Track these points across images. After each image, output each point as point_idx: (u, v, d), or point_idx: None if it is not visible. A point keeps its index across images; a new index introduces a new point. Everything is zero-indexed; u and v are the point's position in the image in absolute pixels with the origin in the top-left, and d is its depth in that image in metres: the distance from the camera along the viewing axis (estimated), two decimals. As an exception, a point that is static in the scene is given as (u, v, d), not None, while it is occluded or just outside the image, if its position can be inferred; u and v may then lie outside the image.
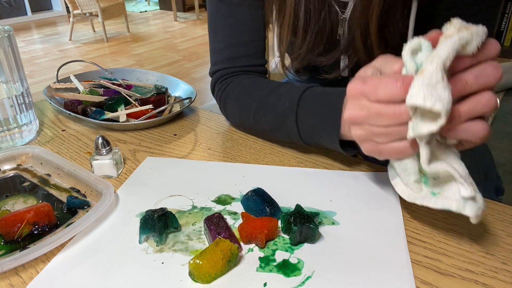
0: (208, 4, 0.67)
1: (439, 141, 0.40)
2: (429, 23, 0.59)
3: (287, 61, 0.70)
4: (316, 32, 0.63)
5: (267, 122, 0.59)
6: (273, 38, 0.68)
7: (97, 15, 4.08)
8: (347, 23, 0.62)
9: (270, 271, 0.39)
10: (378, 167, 0.56)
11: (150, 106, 0.71)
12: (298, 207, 0.44)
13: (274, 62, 0.70)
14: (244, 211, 0.48)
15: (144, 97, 0.75)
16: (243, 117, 0.64)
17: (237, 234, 0.44)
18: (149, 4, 6.50)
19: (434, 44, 0.37)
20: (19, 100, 0.63)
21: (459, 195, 0.38)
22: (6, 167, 0.58)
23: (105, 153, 0.54)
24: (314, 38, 0.63)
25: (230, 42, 0.65)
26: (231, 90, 0.65)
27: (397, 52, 0.60)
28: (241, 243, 0.42)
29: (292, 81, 0.94)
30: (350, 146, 0.52)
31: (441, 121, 0.35)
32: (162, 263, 0.40)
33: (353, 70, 0.71)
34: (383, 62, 0.42)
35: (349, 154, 0.53)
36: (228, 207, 0.49)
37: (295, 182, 0.53)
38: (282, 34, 0.63)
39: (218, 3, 0.65)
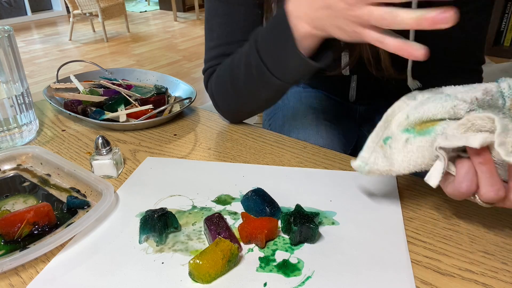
0: (205, 3, 0.67)
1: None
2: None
3: None
4: None
5: (240, 75, 0.60)
6: None
7: (97, 15, 4.08)
8: None
9: (270, 271, 0.39)
10: (378, 167, 0.56)
11: (150, 106, 0.71)
12: (298, 207, 0.44)
13: None
14: (244, 211, 0.48)
15: (144, 97, 0.75)
16: (224, 87, 0.65)
17: (237, 234, 0.44)
18: (149, 4, 6.50)
19: None
20: (19, 100, 0.63)
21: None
22: (6, 167, 0.58)
23: (105, 153, 0.54)
24: None
25: (224, 40, 0.65)
26: (215, 74, 0.66)
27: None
28: (241, 243, 0.42)
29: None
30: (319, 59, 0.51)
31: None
32: (162, 263, 0.40)
33: (355, 68, 0.71)
34: None
35: (320, 65, 0.51)
36: (228, 207, 0.49)
37: (295, 182, 0.53)
38: None
39: (215, 2, 0.65)
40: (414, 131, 0.41)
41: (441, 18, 0.35)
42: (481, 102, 0.39)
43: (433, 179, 0.39)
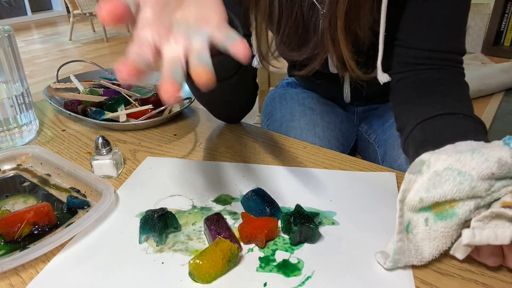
0: None
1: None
2: (401, 14, 0.58)
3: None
4: (289, 26, 0.61)
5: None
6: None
7: (97, 15, 4.08)
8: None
9: (270, 271, 0.39)
10: (378, 167, 0.56)
11: (150, 106, 0.71)
12: (298, 207, 0.44)
13: (255, 59, 0.68)
14: (244, 211, 0.48)
15: (144, 97, 0.75)
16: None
17: (237, 234, 0.44)
18: (149, 4, 6.49)
19: None
20: (19, 100, 0.63)
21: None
22: (6, 167, 0.57)
23: (105, 153, 0.54)
24: (288, 32, 0.62)
25: None
26: None
27: (370, 49, 0.57)
28: (241, 243, 0.42)
29: (291, 82, 0.94)
30: None
31: None
32: (162, 263, 0.40)
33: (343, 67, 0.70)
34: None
35: None
36: (228, 207, 0.49)
37: (295, 182, 0.53)
38: (259, 25, 0.62)
39: None
40: (431, 211, 0.39)
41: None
42: (498, 176, 0.37)
43: (459, 253, 0.38)
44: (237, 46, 0.33)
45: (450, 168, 0.38)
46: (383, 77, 0.60)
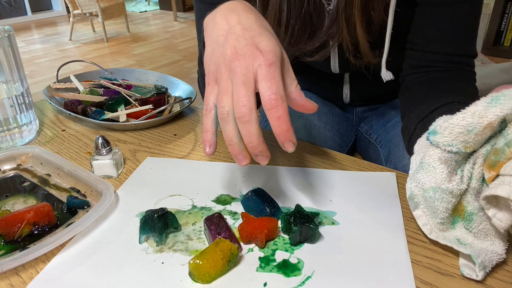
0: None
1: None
2: (412, 16, 0.58)
3: None
4: (299, 26, 0.60)
5: (202, 73, 0.61)
6: None
7: (97, 15, 4.08)
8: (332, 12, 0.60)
9: (270, 271, 0.39)
10: (379, 167, 0.56)
11: (150, 106, 0.71)
12: (298, 207, 0.44)
13: None
14: (244, 211, 0.48)
15: (144, 97, 0.75)
16: (199, 87, 0.65)
17: (237, 234, 0.44)
18: (149, 4, 6.50)
19: None
20: (19, 100, 0.63)
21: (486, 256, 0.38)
22: (6, 167, 0.57)
23: (105, 153, 0.54)
24: (297, 31, 0.61)
25: None
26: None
27: (381, 28, 0.57)
28: (241, 243, 0.42)
29: None
30: None
31: None
32: (162, 263, 0.40)
33: (344, 65, 0.70)
34: None
35: None
36: (228, 207, 0.49)
37: (295, 182, 0.53)
38: None
39: (198, 4, 0.64)
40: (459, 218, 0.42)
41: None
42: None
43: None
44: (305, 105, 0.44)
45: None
46: (386, 75, 0.59)
